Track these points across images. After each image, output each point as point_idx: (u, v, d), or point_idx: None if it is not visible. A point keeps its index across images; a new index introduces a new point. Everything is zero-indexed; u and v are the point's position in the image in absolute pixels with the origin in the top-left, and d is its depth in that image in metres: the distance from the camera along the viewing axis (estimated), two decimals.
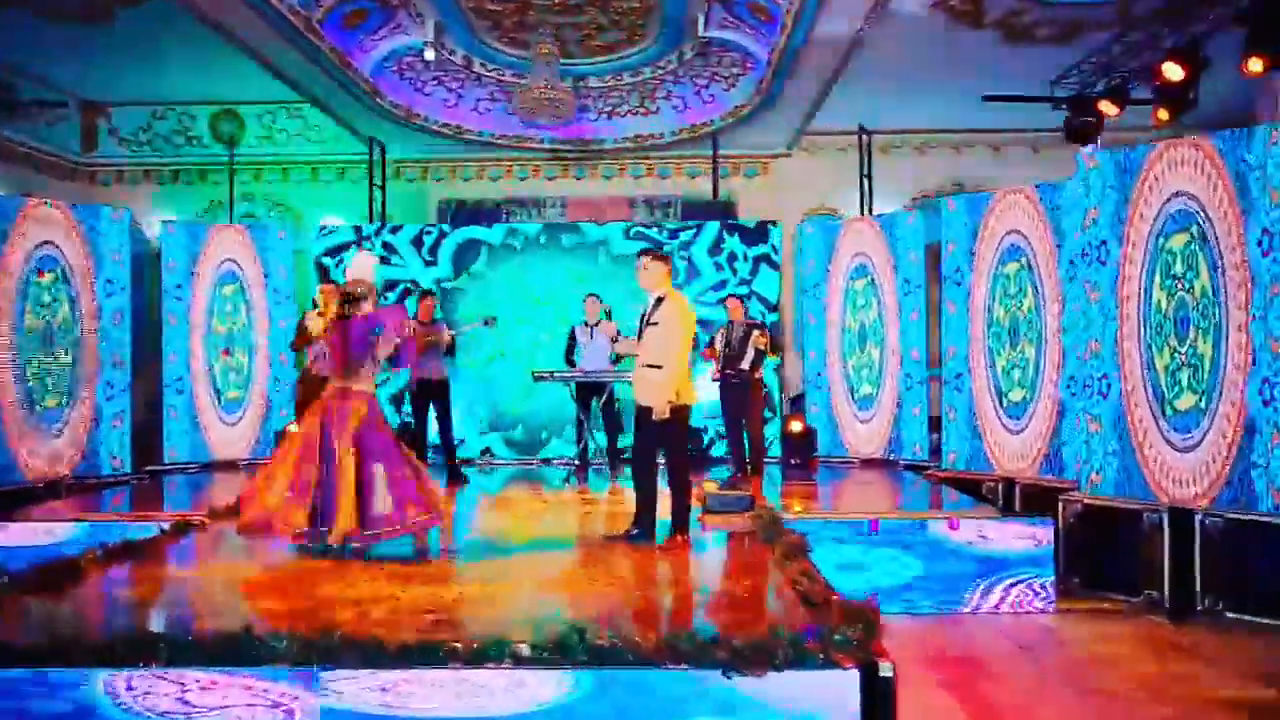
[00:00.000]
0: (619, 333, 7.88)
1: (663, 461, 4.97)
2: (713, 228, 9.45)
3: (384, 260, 9.35)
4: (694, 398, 4.90)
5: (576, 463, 8.06)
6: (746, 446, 7.11)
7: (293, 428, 6.19)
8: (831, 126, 10.71)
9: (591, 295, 7.90)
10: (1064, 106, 7.35)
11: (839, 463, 8.44)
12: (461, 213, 11.13)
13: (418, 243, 9.43)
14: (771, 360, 7.64)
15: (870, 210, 9.42)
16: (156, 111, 10.93)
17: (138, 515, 5.94)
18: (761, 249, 9.36)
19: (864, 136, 9.07)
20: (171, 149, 11.14)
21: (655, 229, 9.61)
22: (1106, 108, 6.70)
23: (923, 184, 11.39)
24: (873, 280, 8.45)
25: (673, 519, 4.81)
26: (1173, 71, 6.49)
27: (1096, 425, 5.83)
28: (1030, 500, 6.60)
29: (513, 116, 10.72)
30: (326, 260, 9.28)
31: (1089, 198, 5.86)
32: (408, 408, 8.31)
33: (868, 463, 8.29)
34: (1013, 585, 5.37)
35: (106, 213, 7.93)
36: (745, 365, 6.90)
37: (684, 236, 9.40)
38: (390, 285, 9.42)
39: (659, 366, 4.66)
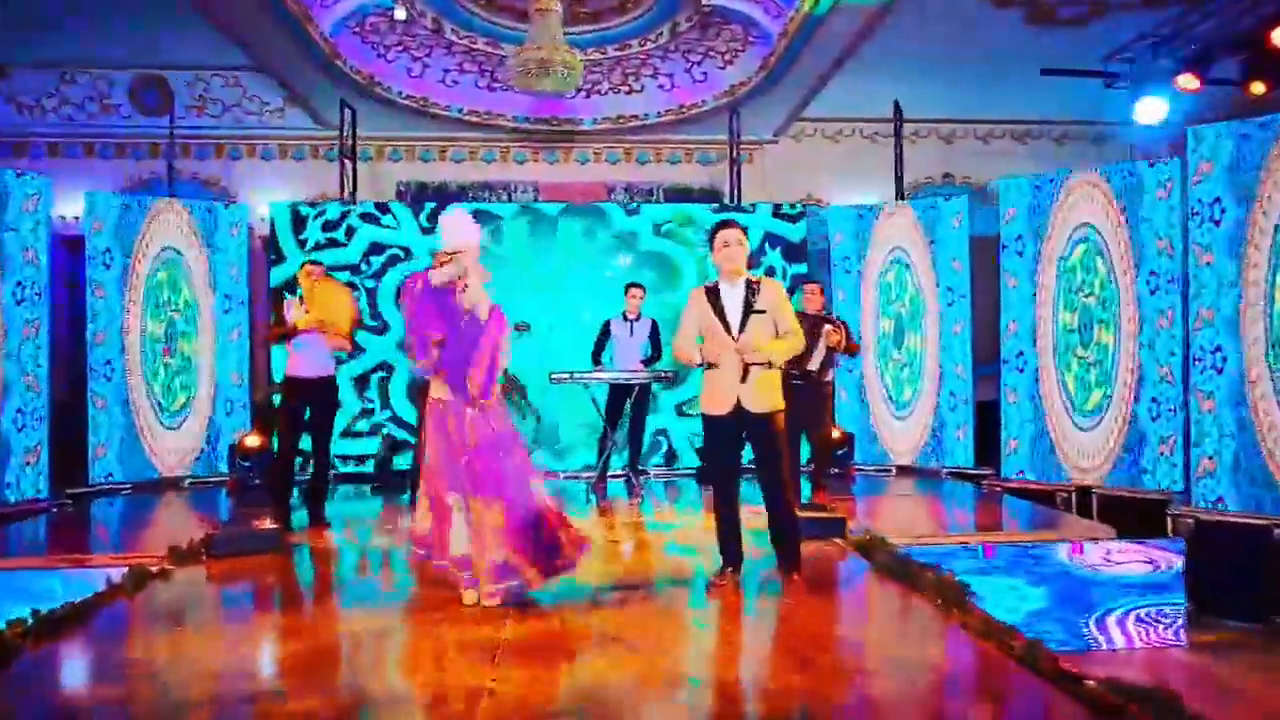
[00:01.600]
0: (654, 332, 7.04)
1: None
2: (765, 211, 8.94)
3: (373, 219, 8.50)
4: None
5: (595, 476, 7.14)
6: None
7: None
8: (820, 114, 10.18)
9: (634, 285, 7.07)
10: (1120, 83, 6.84)
11: (875, 471, 7.77)
12: (422, 198, 10.02)
13: (415, 206, 8.71)
14: (849, 360, 6.82)
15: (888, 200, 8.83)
16: (66, 74, 9.43)
17: (65, 559, 4.74)
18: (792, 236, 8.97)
19: (898, 121, 8.46)
20: (84, 117, 9.64)
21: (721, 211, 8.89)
22: (1186, 82, 6.22)
23: (914, 174, 10.86)
24: (909, 270, 7.84)
25: (786, 555, 4.01)
26: None
27: (1211, 463, 5.30)
28: (1110, 513, 6.06)
29: (483, 91, 9.72)
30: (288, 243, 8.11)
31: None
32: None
33: (904, 470, 7.64)
34: (1141, 615, 4.74)
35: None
36: (813, 366, 6.08)
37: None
38: (377, 249, 8.38)
39: (768, 365, 3.96)
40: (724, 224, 4.06)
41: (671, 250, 8.87)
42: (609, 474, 7.28)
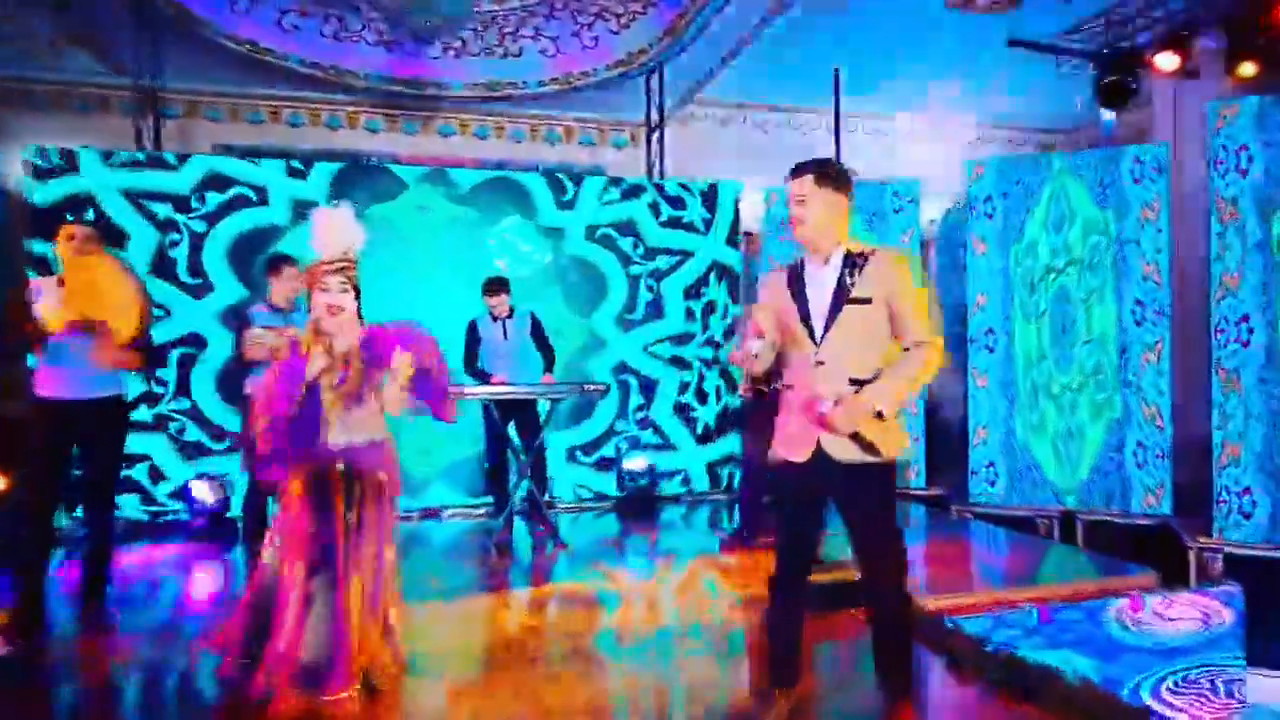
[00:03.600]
0: (536, 325, 5.71)
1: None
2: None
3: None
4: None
5: (501, 522, 5.68)
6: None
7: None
8: (711, 98, 9.24)
9: (495, 278, 5.70)
10: (1093, 64, 6.25)
11: None
12: None
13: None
14: None
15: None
16: None
17: None
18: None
19: (837, 96, 7.54)
20: None
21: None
22: (1164, 62, 5.68)
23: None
24: None
25: (889, 675, 2.75)
26: None
27: (1236, 448, 4.66)
28: (1097, 539, 5.39)
29: (329, 41, 8.02)
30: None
31: None
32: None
33: None
34: (1193, 678, 3.98)
35: None
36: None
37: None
38: (219, 183, 6.68)
39: (864, 379, 2.63)
40: (798, 169, 2.73)
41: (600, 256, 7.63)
42: (514, 513, 5.88)
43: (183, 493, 6.32)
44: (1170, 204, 5.62)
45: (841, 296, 2.66)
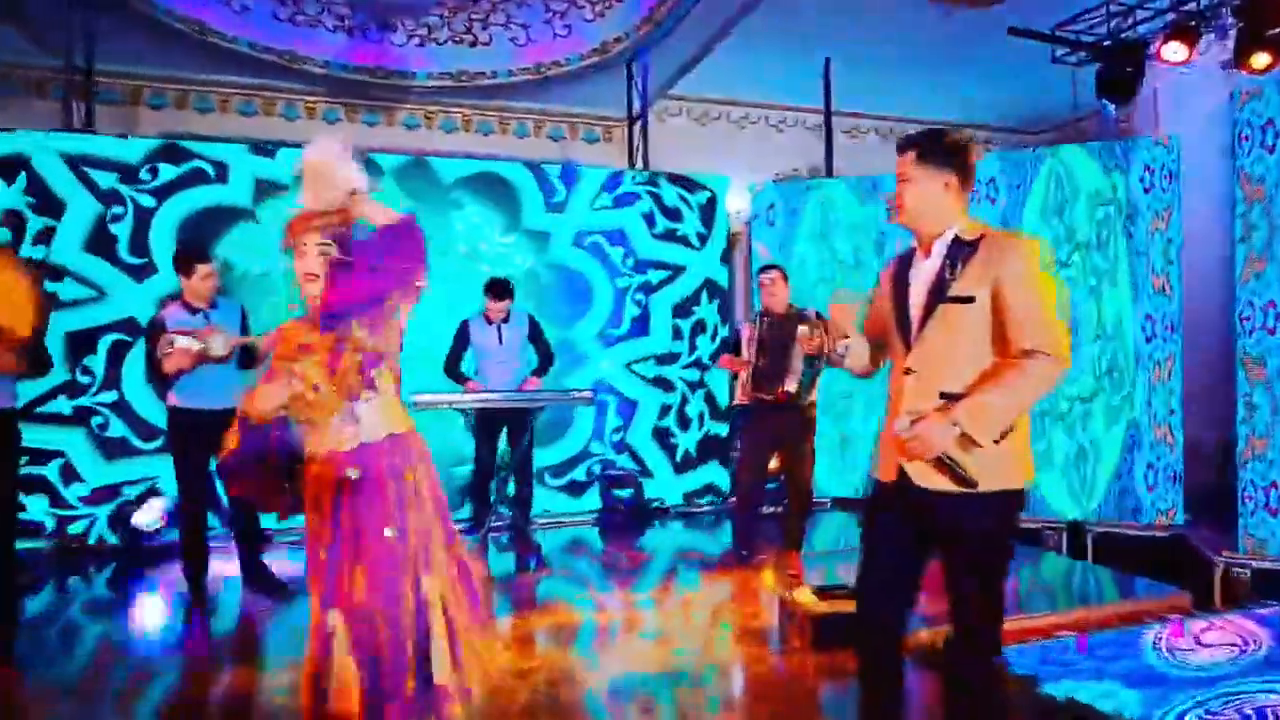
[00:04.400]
0: (535, 328, 5.29)
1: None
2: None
3: None
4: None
5: (479, 538, 5.22)
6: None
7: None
8: (686, 94, 8.91)
9: (501, 280, 5.24)
10: (1087, 55, 5.99)
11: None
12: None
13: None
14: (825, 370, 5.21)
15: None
16: None
17: None
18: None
19: (827, 89, 7.24)
20: None
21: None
22: (1172, 53, 5.43)
23: (776, 166, 9.82)
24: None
25: None
26: None
27: (1261, 442, 4.40)
28: (1108, 554, 5.12)
29: (284, 24, 7.50)
30: None
31: None
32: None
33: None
34: (1233, 704, 3.71)
35: None
36: (791, 386, 4.61)
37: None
38: (174, 154, 6.13)
39: (958, 394, 2.18)
40: (909, 141, 2.32)
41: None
42: (491, 529, 5.44)
43: (118, 524, 5.71)
44: (1181, 208, 5.40)
45: (939, 293, 2.23)
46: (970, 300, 2.18)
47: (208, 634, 4.22)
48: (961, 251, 2.22)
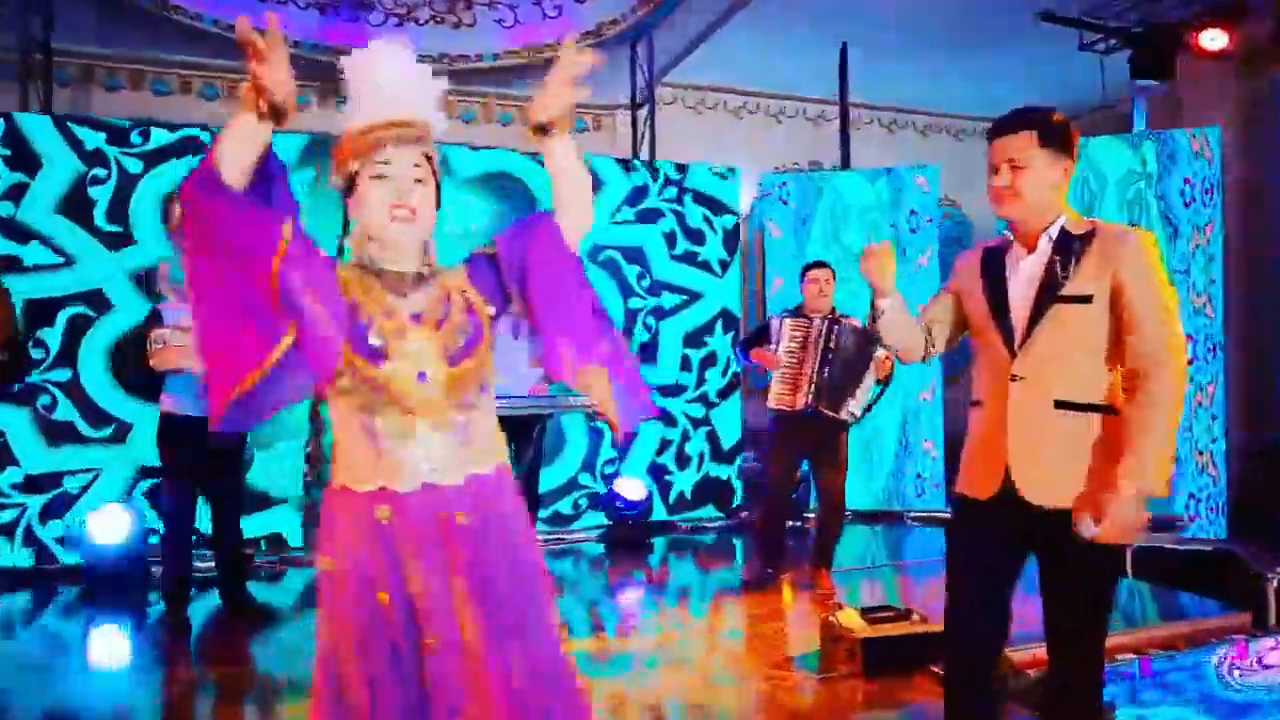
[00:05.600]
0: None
1: None
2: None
3: None
4: None
5: None
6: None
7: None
8: (679, 81, 8.47)
9: None
10: (1118, 42, 5.60)
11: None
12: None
13: None
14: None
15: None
16: None
17: None
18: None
19: (843, 77, 6.83)
20: None
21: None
22: (1210, 40, 5.03)
23: (778, 159, 9.42)
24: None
25: None
26: None
27: None
28: (1147, 567, 4.76)
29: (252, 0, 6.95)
30: None
31: None
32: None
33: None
34: None
35: None
36: (857, 410, 4.21)
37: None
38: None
39: (1076, 402, 1.98)
40: (1014, 116, 2.01)
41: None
42: None
43: (74, 539, 5.15)
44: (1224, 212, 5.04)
45: (1050, 292, 1.97)
46: (1088, 300, 1.96)
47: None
48: (1073, 246, 1.97)
